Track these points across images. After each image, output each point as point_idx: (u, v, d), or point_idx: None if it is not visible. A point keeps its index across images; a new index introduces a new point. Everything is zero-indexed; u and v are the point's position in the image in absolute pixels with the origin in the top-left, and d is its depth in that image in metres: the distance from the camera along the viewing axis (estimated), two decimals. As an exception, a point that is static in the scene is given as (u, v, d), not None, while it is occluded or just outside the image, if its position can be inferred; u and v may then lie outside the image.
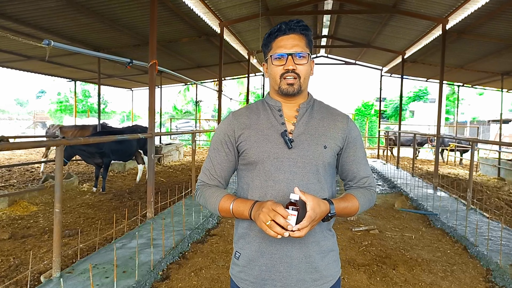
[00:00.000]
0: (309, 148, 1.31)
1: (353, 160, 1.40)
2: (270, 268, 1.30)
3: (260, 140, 1.32)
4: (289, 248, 1.29)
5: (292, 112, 1.37)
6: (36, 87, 60.04)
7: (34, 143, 3.87)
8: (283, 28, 1.30)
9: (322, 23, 11.60)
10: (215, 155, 1.39)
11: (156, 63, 5.11)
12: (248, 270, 1.33)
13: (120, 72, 12.98)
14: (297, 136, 1.32)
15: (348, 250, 4.33)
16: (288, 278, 1.29)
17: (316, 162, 1.31)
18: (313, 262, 1.31)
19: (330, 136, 1.35)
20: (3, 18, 6.56)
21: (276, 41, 1.31)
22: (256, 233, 1.32)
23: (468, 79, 14.40)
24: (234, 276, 1.39)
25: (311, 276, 1.31)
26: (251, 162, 1.33)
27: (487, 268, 3.81)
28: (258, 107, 1.41)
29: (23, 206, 6.01)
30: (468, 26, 7.94)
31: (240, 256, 1.36)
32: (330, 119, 1.39)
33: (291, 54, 1.28)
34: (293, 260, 1.29)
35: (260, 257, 1.31)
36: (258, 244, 1.31)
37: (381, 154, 15.25)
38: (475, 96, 33.09)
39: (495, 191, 8.28)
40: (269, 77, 1.37)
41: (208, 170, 1.41)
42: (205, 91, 25.82)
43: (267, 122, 1.35)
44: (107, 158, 7.49)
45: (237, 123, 1.37)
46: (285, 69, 1.29)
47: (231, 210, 1.28)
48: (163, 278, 3.48)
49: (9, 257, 4.02)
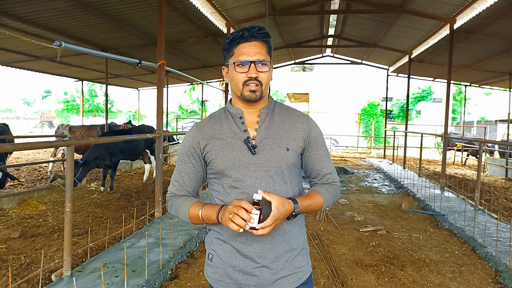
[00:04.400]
0: (272, 152, 1.35)
1: (316, 159, 1.45)
2: (243, 268, 1.34)
3: (224, 149, 1.35)
4: (260, 249, 1.33)
5: (253, 118, 1.41)
6: (43, 86, 60.54)
7: (45, 143, 3.91)
8: (246, 35, 1.33)
9: (328, 23, 11.58)
10: (183, 167, 1.43)
11: (164, 64, 5.14)
12: (222, 271, 1.38)
13: (127, 72, 13.05)
14: (260, 141, 1.36)
15: (355, 250, 4.34)
16: (261, 278, 1.33)
17: (280, 165, 1.35)
18: (285, 261, 1.36)
19: (292, 138, 1.39)
20: (13, 19, 6.62)
21: (238, 48, 1.34)
22: (227, 236, 1.36)
23: (475, 79, 14.31)
24: (209, 277, 1.44)
25: (283, 272, 1.35)
26: (218, 171, 1.37)
27: (496, 269, 3.80)
28: (221, 116, 1.44)
29: (32, 205, 6.07)
30: (476, 26, 7.89)
31: (213, 257, 1.41)
32: (290, 121, 1.43)
33: (253, 62, 1.32)
34: (266, 260, 1.33)
35: (233, 258, 1.35)
36: (231, 245, 1.36)
37: (388, 154, 15.18)
38: (482, 96, 32.83)
39: (503, 191, 8.23)
40: (230, 82, 1.40)
41: (176, 181, 1.44)
42: (210, 91, 25.86)
43: (230, 131, 1.38)
44: (116, 158, 7.55)
45: (201, 134, 1.40)
46: (248, 77, 1.32)
47: (200, 216, 1.32)
48: (172, 277, 3.51)
49: (20, 256, 4.07)
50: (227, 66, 1.40)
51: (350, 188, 8.28)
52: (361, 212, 6.03)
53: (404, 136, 11.92)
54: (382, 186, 8.70)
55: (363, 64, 15.60)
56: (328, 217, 5.63)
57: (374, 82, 23.41)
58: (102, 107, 31.37)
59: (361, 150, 19.62)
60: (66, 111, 33.25)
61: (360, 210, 6.18)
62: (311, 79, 25.39)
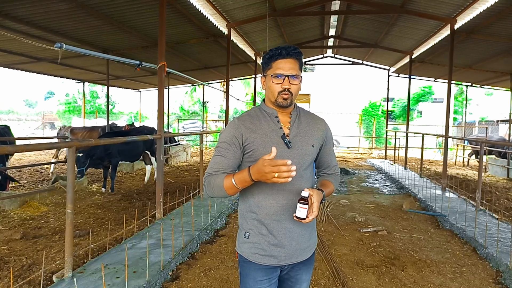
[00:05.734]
0: (302, 147, 1.67)
1: (328, 154, 1.84)
2: (277, 242, 1.65)
3: (265, 142, 1.63)
4: (290, 226, 1.66)
5: (285, 118, 1.72)
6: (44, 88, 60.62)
7: (47, 145, 3.92)
8: (283, 53, 1.61)
9: (329, 23, 11.58)
10: (224, 153, 1.65)
11: (165, 65, 5.15)
12: (258, 245, 1.67)
13: (128, 74, 13.08)
14: (292, 138, 1.67)
15: (356, 251, 4.34)
16: (290, 248, 1.66)
17: (307, 158, 1.68)
18: (306, 234, 1.72)
19: (315, 137, 1.73)
20: (15, 21, 6.65)
21: (276, 62, 1.62)
22: (263, 216, 1.65)
23: (477, 79, 14.29)
24: (244, 252, 1.71)
25: (304, 245, 1.71)
26: (257, 159, 1.54)
27: (497, 270, 3.79)
28: (258, 114, 1.72)
29: (34, 206, 6.09)
30: (477, 26, 7.88)
31: (250, 235, 1.69)
32: (313, 123, 1.77)
33: (288, 76, 1.60)
34: (294, 234, 1.67)
35: (269, 234, 1.65)
36: (265, 225, 1.66)
37: (389, 155, 15.17)
38: (484, 96, 32.76)
39: (505, 192, 8.21)
40: (266, 89, 1.70)
41: (216, 165, 1.65)
42: (212, 92, 25.89)
43: (269, 127, 1.67)
44: (115, 159, 7.57)
45: (244, 127, 1.66)
46: (283, 88, 1.61)
47: (233, 182, 1.52)
48: (173, 278, 3.51)
49: (21, 257, 4.08)
50: (265, 76, 1.69)
51: (351, 188, 8.28)
52: (362, 213, 6.03)
53: (405, 136, 11.91)
54: (383, 186, 8.69)
55: (364, 64, 15.60)
56: (329, 218, 5.63)
57: (375, 83, 23.39)
58: (104, 109, 31.36)
59: (363, 150, 19.60)
60: (68, 113, 33.28)
61: (361, 211, 6.18)
62: (312, 79, 25.37)
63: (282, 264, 1.68)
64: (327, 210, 6.02)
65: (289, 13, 9.02)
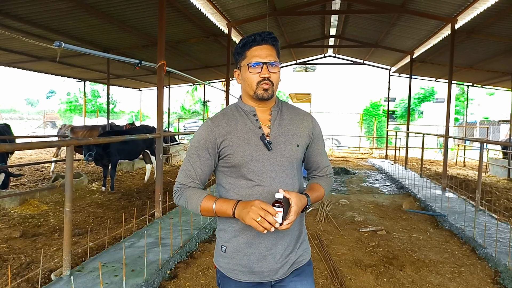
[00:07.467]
0: (285, 148, 1.48)
1: (318, 153, 1.62)
2: (258, 257, 1.46)
3: (242, 145, 1.44)
4: (274, 238, 1.46)
5: (265, 115, 1.52)
6: (46, 87, 60.56)
7: (46, 143, 3.93)
8: (258, 39, 1.44)
9: (330, 23, 11.57)
10: (196, 160, 1.48)
11: (164, 64, 5.15)
12: (236, 260, 1.47)
13: (129, 73, 13.09)
14: (273, 138, 1.48)
15: (355, 250, 4.34)
16: (274, 263, 1.46)
17: (292, 160, 1.49)
18: (294, 246, 1.52)
19: (300, 135, 1.53)
20: (15, 20, 6.66)
21: (251, 51, 1.45)
22: (241, 228, 1.45)
23: (478, 79, 14.26)
24: (222, 267, 1.52)
25: (292, 257, 1.51)
26: (234, 165, 1.45)
27: (496, 270, 3.79)
28: (234, 113, 1.52)
29: (34, 205, 6.10)
30: (478, 26, 7.87)
31: (227, 249, 1.49)
32: (297, 119, 1.56)
33: (265, 63, 1.42)
34: (278, 247, 1.47)
35: (248, 248, 1.46)
36: (246, 236, 1.46)
37: (390, 155, 15.16)
38: (485, 96, 32.66)
39: (505, 192, 8.20)
40: (242, 83, 1.51)
41: (187, 172, 1.49)
42: (212, 91, 25.87)
43: (246, 128, 1.48)
44: (114, 157, 7.59)
45: (217, 130, 1.47)
46: (262, 77, 1.43)
47: (213, 210, 1.40)
48: (171, 277, 3.52)
49: (20, 255, 4.09)
50: (239, 68, 1.50)
51: (351, 188, 8.28)
52: (362, 213, 6.02)
53: (406, 136, 11.90)
54: (383, 186, 8.69)
55: (365, 64, 15.57)
56: (328, 218, 5.63)
57: (376, 82, 23.35)
58: (105, 108, 31.40)
59: (363, 150, 19.58)
60: (69, 112, 33.31)
61: (360, 211, 6.18)
62: (313, 79, 25.35)
63: (266, 280, 1.48)
64: (326, 209, 6.02)
65: (290, 13, 9.02)
